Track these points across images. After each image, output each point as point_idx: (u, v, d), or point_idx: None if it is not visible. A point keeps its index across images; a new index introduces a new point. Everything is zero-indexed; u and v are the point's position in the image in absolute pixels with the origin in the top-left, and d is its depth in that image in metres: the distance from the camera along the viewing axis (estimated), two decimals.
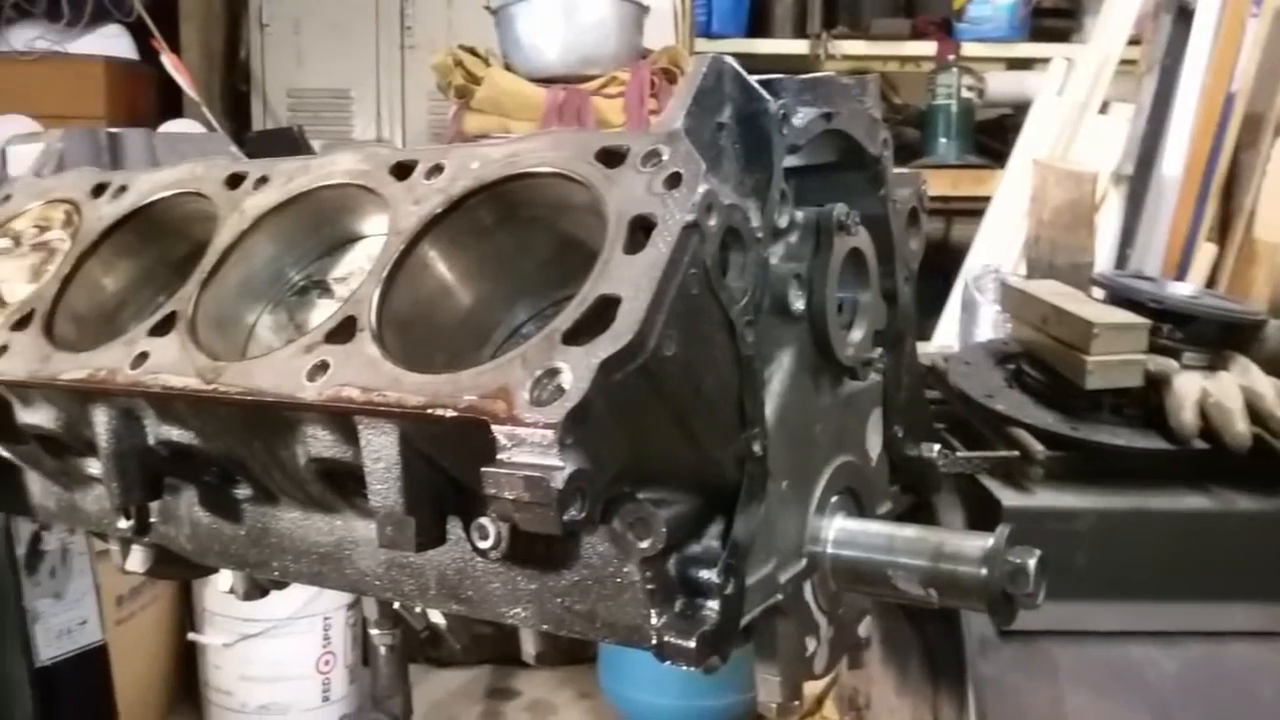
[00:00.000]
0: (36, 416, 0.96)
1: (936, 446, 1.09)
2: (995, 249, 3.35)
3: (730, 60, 0.78)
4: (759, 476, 0.78)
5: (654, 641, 0.73)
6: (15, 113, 1.53)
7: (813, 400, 0.89)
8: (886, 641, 1.65)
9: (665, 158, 0.73)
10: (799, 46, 4.64)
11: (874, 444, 1.00)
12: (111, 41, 3.83)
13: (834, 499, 0.91)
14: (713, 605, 0.74)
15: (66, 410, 0.94)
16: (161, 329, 0.86)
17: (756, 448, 0.77)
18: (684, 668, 0.73)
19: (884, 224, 0.97)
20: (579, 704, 3.81)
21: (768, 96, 0.80)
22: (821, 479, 0.90)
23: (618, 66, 3.56)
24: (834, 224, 0.87)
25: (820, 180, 0.92)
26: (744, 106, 0.79)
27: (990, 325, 2.46)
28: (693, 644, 0.72)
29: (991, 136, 4.61)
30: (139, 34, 3.82)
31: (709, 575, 0.74)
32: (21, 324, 0.96)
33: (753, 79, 0.80)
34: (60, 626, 1.67)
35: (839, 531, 0.89)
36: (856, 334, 0.93)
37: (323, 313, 0.91)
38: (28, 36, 3.72)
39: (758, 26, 4.76)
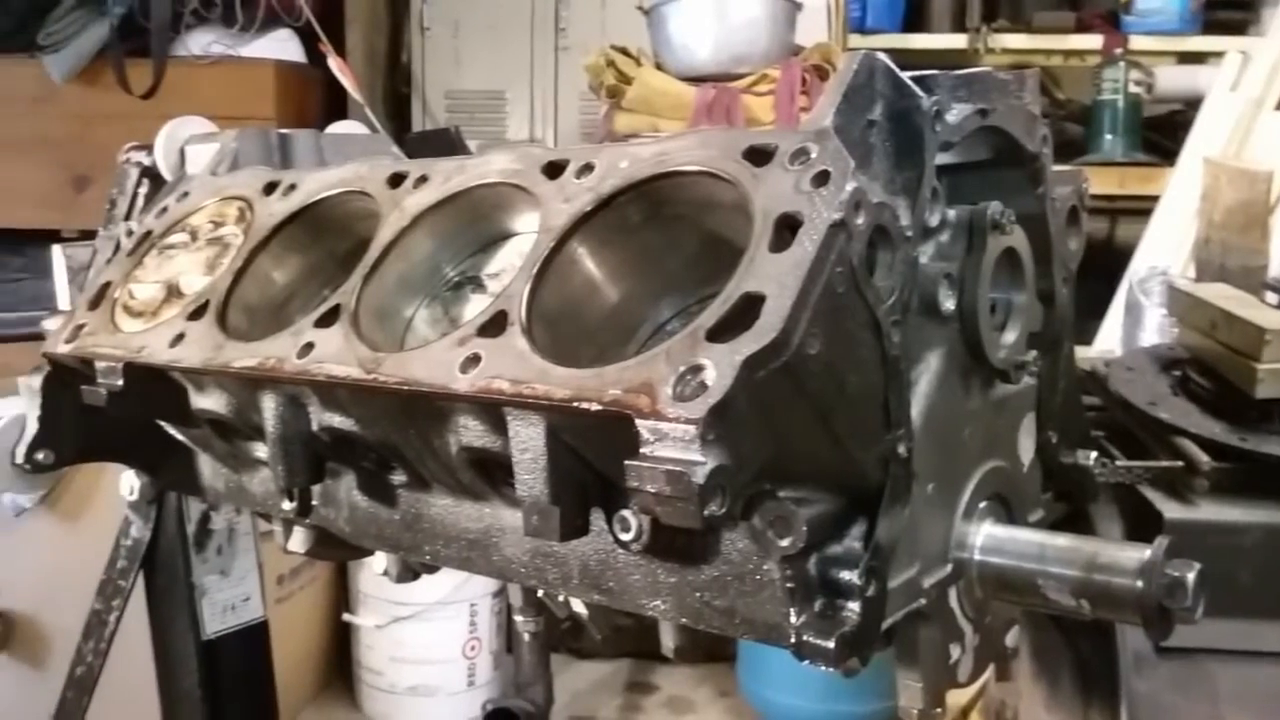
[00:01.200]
0: (209, 402, 1.02)
1: (1093, 454, 1.05)
2: (1162, 250, 3.22)
3: (882, 57, 0.77)
4: (903, 479, 0.76)
5: (792, 640, 0.73)
6: (192, 114, 1.61)
7: (962, 403, 0.87)
8: (1037, 654, 1.61)
9: (813, 156, 0.72)
10: (957, 41, 4.52)
11: (1026, 450, 0.97)
12: (281, 45, 3.99)
13: (982, 504, 0.89)
14: (853, 607, 0.73)
15: (237, 396, 0.99)
16: (326, 321, 0.90)
17: (901, 449, 0.76)
18: (823, 669, 0.72)
19: (1041, 223, 0.94)
20: (717, 702, 3.82)
21: (920, 93, 0.78)
22: (970, 483, 0.88)
23: (769, 64, 3.53)
24: (987, 222, 0.85)
25: (976, 178, 0.90)
26: (895, 103, 0.77)
27: (1155, 330, 2.37)
28: (832, 644, 0.71)
29: (1160, 133, 4.41)
30: (307, 38, 3.96)
31: (850, 576, 0.73)
32: (197, 314, 1.01)
33: (905, 75, 0.78)
34: (225, 602, 1.75)
35: (987, 538, 0.87)
36: (1010, 336, 0.91)
37: (476, 307, 0.94)
38: (204, 41, 3.90)
39: (914, 21, 4.66)
